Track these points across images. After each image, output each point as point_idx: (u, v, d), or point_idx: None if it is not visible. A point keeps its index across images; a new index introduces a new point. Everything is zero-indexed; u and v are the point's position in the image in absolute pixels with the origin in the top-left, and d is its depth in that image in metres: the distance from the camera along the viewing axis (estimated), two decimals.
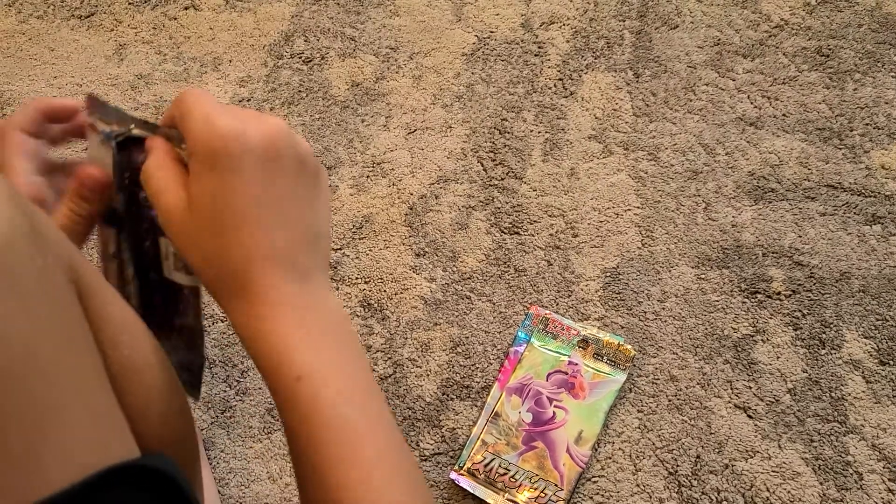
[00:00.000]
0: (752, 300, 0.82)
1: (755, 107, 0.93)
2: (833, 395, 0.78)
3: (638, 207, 0.88)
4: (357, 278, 0.85)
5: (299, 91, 0.97)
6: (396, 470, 0.37)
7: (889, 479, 0.74)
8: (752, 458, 0.76)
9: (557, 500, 0.73)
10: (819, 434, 0.76)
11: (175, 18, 1.02)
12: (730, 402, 0.78)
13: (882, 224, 0.85)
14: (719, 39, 0.98)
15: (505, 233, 0.87)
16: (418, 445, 0.77)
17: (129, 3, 1.04)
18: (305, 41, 1.01)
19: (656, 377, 0.80)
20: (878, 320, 0.81)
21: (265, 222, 0.37)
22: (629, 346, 0.80)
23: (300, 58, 0.99)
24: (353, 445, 0.36)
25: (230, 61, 0.99)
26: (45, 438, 0.28)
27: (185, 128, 0.37)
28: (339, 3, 1.03)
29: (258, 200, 0.36)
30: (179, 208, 0.37)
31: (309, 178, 0.39)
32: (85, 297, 0.33)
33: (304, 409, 0.36)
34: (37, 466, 0.27)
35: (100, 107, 0.42)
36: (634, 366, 0.80)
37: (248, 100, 0.96)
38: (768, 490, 0.74)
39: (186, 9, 1.03)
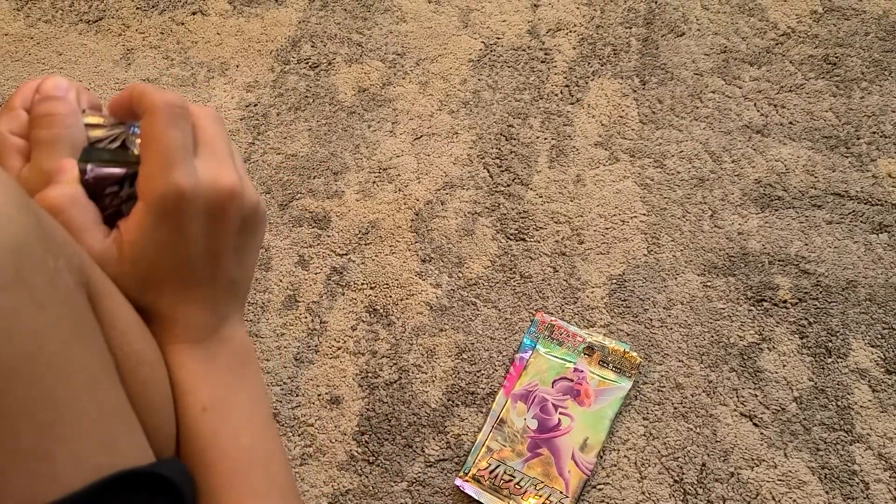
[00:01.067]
0: (759, 308, 0.82)
1: (762, 114, 0.93)
2: (839, 403, 0.78)
3: (644, 214, 0.88)
4: (363, 284, 0.85)
5: (306, 96, 0.97)
6: (284, 498, 0.39)
7: (895, 489, 0.74)
8: (757, 466, 0.76)
9: None
10: (825, 443, 0.76)
11: (182, 23, 1.03)
12: (735, 410, 0.78)
13: (889, 233, 0.85)
14: (726, 47, 0.98)
15: (511, 239, 0.87)
16: (423, 451, 0.77)
17: (137, 8, 1.04)
18: (312, 47, 1.01)
19: (662, 385, 0.79)
20: (884, 329, 0.81)
21: (198, 276, 0.38)
22: (635, 354, 0.80)
23: (307, 63, 1.00)
24: (248, 477, 0.38)
25: (237, 66, 1.00)
26: (56, 436, 0.28)
27: (143, 158, 0.36)
28: (346, 9, 1.04)
29: (197, 257, 0.37)
30: (111, 251, 0.36)
31: (247, 232, 0.40)
32: (95, 298, 0.34)
33: (208, 438, 0.38)
34: (48, 465, 0.27)
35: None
36: (640, 373, 0.80)
37: (255, 105, 0.97)
38: (774, 499, 0.74)
39: (194, 14, 1.03)
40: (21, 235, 0.28)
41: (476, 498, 0.74)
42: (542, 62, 0.99)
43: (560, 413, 0.77)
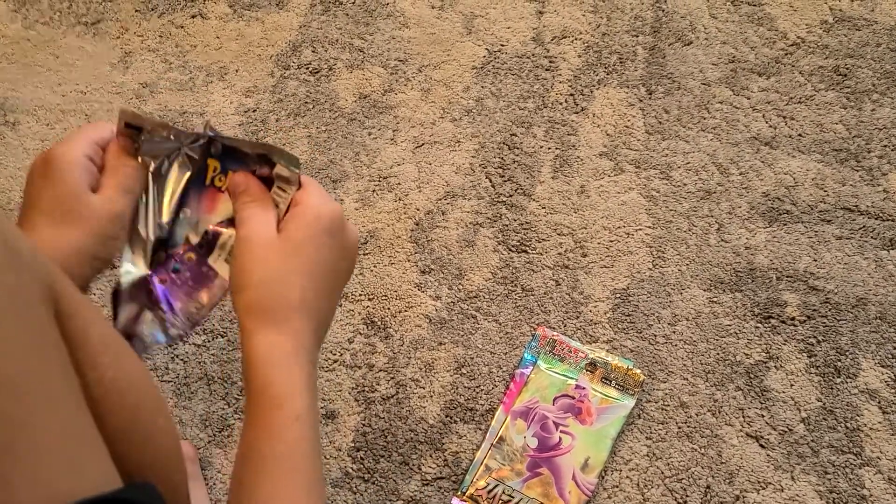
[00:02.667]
0: (766, 325, 0.80)
1: (770, 126, 0.91)
2: (848, 425, 0.76)
3: (649, 227, 0.86)
4: (361, 295, 0.84)
5: (306, 102, 0.95)
6: None
7: None
8: (764, 489, 0.73)
9: None
10: (833, 466, 0.74)
11: (182, 27, 1.01)
12: (741, 430, 0.76)
13: None
14: (734, 57, 0.96)
15: (512, 251, 0.86)
16: (420, 469, 0.75)
17: (136, 11, 1.03)
18: (313, 52, 0.99)
19: (666, 403, 0.77)
20: (895, 349, 0.78)
21: (324, 287, 0.44)
22: (638, 371, 0.78)
23: (307, 69, 0.98)
24: (314, 493, 0.40)
25: (236, 71, 0.98)
26: (14, 458, 0.26)
27: (306, 189, 0.45)
28: (347, 14, 1.02)
29: (327, 268, 0.44)
30: (269, 231, 0.43)
31: (346, 279, 0.48)
32: (64, 317, 0.32)
33: (291, 444, 0.39)
34: (4, 491, 0.26)
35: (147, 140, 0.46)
36: (643, 391, 0.78)
37: (254, 110, 0.95)
38: None
39: (193, 17, 1.02)
40: None
41: None
42: (546, 70, 0.97)
43: (561, 431, 0.75)
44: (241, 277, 0.43)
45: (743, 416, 0.76)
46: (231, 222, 0.47)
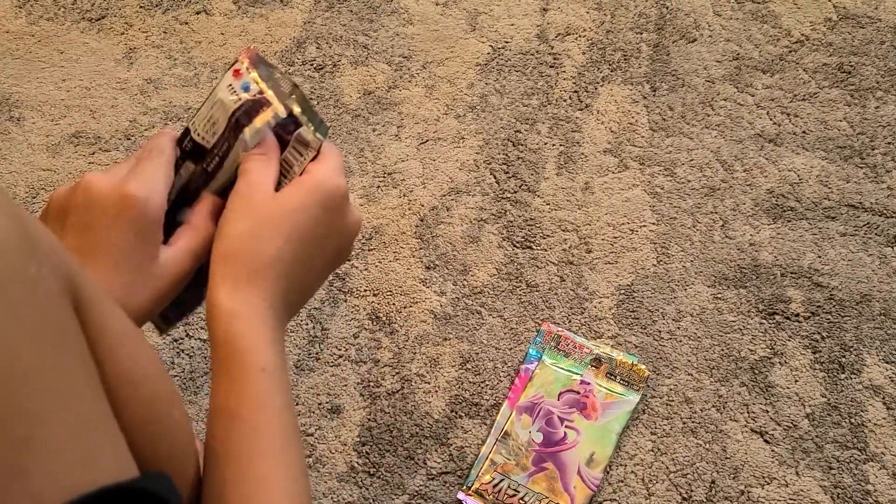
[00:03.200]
0: (770, 321, 0.80)
1: (774, 123, 0.91)
2: (853, 421, 0.76)
3: (653, 224, 0.86)
4: (366, 290, 0.84)
5: (310, 98, 0.95)
6: (307, 486, 0.41)
7: None
8: (768, 484, 0.74)
9: None
10: (838, 461, 0.74)
11: (186, 23, 1.01)
12: (746, 426, 0.76)
13: None
14: (738, 54, 0.96)
15: (517, 247, 0.86)
16: (425, 464, 0.76)
17: (141, 7, 1.03)
18: (317, 48, 0.99)
19: (671, 399, 0.78)
20: None
21: (302, 256, 0.42)
22: (643, 366, 0.78)
23: (312, 65, 0.98)
24: (290, 448, 0.39)
25: None
26: (32, 452, 0.26)
27: (322, 157, 0.44)
28: (352, 11, 1.02)
29: (311, 240, 0.43)
30: (263, 187, 0.43)
31: (338, 262, 0.47)
32: (83, 308, 0.32)
33: (262, 397, 0.39)
34: (22, 482, 0.26)
35: (262, 64, 0.46)
36: (648, 386, 0.78)
37: None
38: None
39: (198, 13, 1.02)
40: (0, 241, 0.26)
41: None
42: (550, 67, 0.97)
43: (566, 426, 0.75)
44: (223, 227, 0.43)
45: (748, 412, 0.77)
46: None
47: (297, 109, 0.45)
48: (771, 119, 0.92)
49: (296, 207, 0.42)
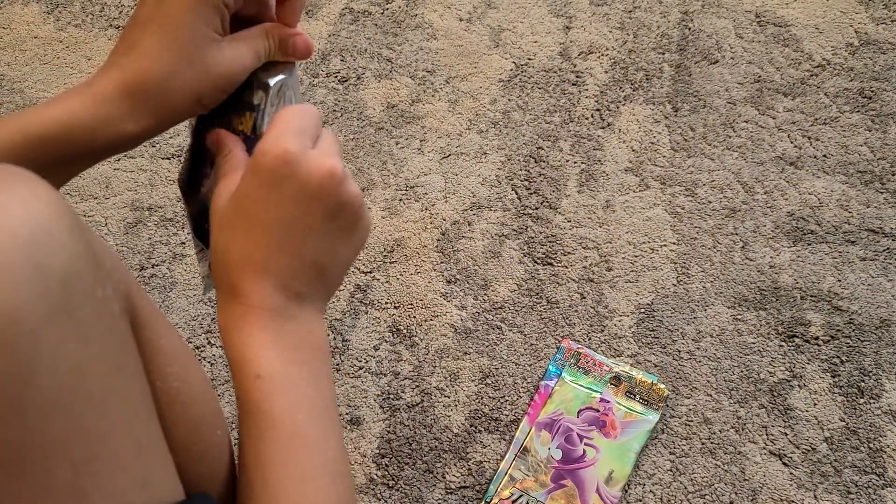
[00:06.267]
0: (790, 344, 0.81)
1: (795, 146, 0.92)
2: (871, 446, 0.76)
3: (674, 243, 0.87)
4: (387, 303, 0.84)
5: (334, 110, 0.96)
6: (332, 485, 0.37)
7: None
8: None
9: None
10: (856, 486, 0.74)
11: None
12: (765, 448, 0.76)
13: None
14: (760, 76, 0.97)
15: (538, 263, 0.86)
16: (444, 477, 0.76)
17: None
18: (342, 60, 1.00)
19: (689, 419, 0.78)
20: None
21: (277, 243, 0.38)
22: (662, 386, 0.78)
23: (336, 77, 0.99)
24: (297, 451, 0.37)
25: None
26: (91, 474, 0.27)
27: (268, 129, 0.39)
28: (376, 24, 1.03)
29: (281, 223, 0.38)
30: (223, 198, 0.39)
31: (342, 222, 0.40)
32: (138, 327, 0.33)
33: (258, 405, 0.37)
34: (81, 503, 0.26)
35: None
36: (667, 406, 0.78)
37: None
38: None
39: None
40: (72, 263, 0.27)
41: None
42: (573, 85, 0.98)
43: (585, 444, 0.76)
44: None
45: (766, 434, 0.77)
46: None
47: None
48: (792, 142, 0.92)
49: (245, 200, 0.38)
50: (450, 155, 0.93)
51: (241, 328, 0.38)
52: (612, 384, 0.78)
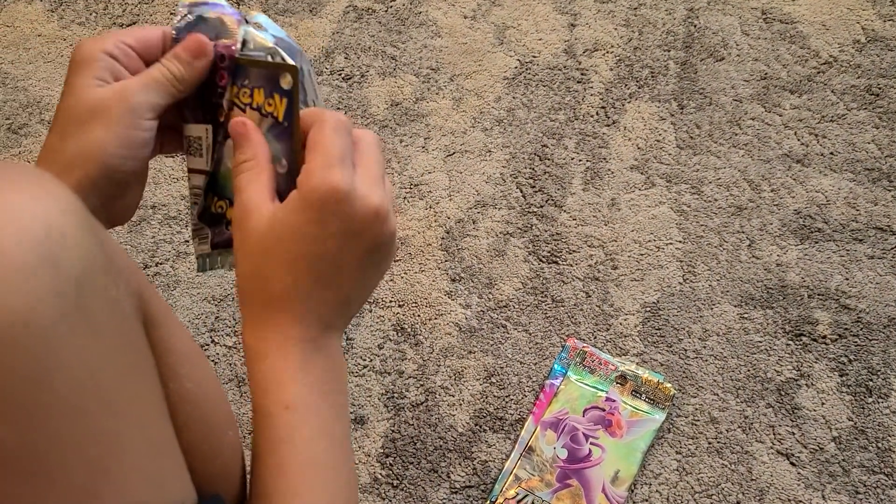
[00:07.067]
0: (797, 343, 0.80)
1: (802, 144, 0.91)
2: (880, 445, 0.75)
3: (680, 241, 0.86)
4: (391, 301, 0.84)
5: (338, 108, 0.96)
6: None
7: None
8: None
9: None
10: (865, 486, 0.74)
11: None
12: (772, 447, 0.76)
13: None
14: (766, 74, 0.96)
15: (543, 261, 0.86)
16: (449, 477, 0.75)
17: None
18: (346, 58, 1.00)
19: (696, 418, 0.77)
20: None
21: (318, 277, 0.39)
22: (669, 385, 0.77)
23: (340, 75, 0.99)
24: (315, 479, 0.38)
25: None
26: (106, 473, 0.27)
27: (308, 157, 0.38)
28: (380, 22, 1.03)
29: (323, 258, 0.38)
30: (260, 221, 0.39)
31: (378, 257, 0.40)
32: (150, 326, 0.33)
33: (283, 434, 0.37)
34: (94, 503, 0.26)
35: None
36: (674, 405, 0.78)
37: None
38: None
39: None
40: (86, 263, 0.26)
41: None
42: (578, 82, 0.97)
43: (591, 443, 0.75)
44: (236, 264, 0.41)
45: (773, 434, 0.76)
46: None
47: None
48: (799, 139, 0.92)
49: (291, 234, 0.38)
50: (454, 153, 0.93)
51: (275, 356, 0.38)
52: (617, 383, 0.78)
